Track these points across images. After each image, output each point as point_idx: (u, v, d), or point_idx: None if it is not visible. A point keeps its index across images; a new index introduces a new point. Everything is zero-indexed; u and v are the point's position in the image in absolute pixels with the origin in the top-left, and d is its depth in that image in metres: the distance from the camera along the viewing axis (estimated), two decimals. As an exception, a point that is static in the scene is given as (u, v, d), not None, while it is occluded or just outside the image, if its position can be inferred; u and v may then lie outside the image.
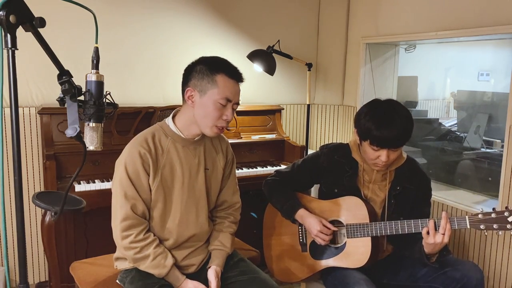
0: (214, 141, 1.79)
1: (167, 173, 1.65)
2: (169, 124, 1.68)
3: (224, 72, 1.60)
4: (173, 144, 1.66)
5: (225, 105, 1.60)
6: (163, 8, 2.90)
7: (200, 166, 1.71)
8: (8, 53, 1.19)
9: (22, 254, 1.29)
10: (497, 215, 1.62)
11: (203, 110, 1.60)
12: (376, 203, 1.91)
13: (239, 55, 3.09)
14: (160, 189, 1.63)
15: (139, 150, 1.60)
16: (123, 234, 1.59)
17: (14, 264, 2.64)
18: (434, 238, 1.64)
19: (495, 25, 2.31)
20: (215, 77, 1.59)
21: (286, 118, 3.45)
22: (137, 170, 1.59)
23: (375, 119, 1.75)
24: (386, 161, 1.77)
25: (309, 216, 1.92)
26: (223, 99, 1.59)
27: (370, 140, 1.76)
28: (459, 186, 3.03)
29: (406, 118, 1.75)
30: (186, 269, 1.71)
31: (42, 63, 2.43)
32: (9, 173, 2.54)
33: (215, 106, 1.59)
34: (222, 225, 1.82)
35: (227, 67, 1.63)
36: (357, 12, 3.30)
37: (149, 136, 1.64)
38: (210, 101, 1.59)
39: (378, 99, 1.87)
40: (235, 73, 1.64)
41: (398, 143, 1.76)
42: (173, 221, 1.67)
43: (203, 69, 1.60)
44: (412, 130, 1.78)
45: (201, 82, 1.60)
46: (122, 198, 1.59)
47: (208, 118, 1.60)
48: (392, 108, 1.78)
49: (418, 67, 3.92)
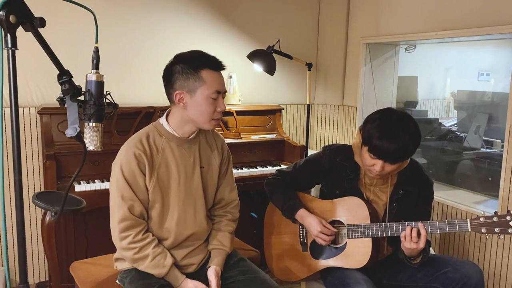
0: (209, 139, 1.80)
1: (163, 173, 1.65)
2: (163, 123, 1.69)
3: (207, 66, 1.60)
4: (167, 143, 1.67)
5: (217, 98, 1.61)
6: (163, 8, 2.91)
7: (195, 164, 1.71)
8: (8, 53, 1.19)
9: (22, 254, 1.29)
10: (499, 219, 1.60)
11: (197, 109, 1.61)
12: (378, 205, 1.90)
13: (239, 55, 3.09)
14: (157, 189, 1.63)
15: (134, 151, 1.60)
16: (121, 235, 1.59)
17: (14, 264, 2.64)
18: (410, 243, 1.68)
19: (495, 25, 2.31)
20: (200, 73, 1.58)
21: (286, 118, 3.45)
22: (133, 171, 1.60)
23: (380, 128, 1.71)
24: (380, 171, 1.75)
25: (310, 217, 1.91)
26: (214, 93, 1.60)
27: (369, 147, 1.74)
28: (459, 186, 3.03)
29: (411, 136, 1.69)
30: (186, 268, 1.71)
31: (42, 63, 2.43)
32: (9, 173, 2.53)
33: (208, 101, 1.60)
34: (221, 224, 1.82)
35: (208, 60, 1.62)
36: (357, 12, 3.30)
37: (144, 136, 1.65)
38: (201, 98, 1.59)
39: (392, 108, 1.83)
40: (217, 64, 1.63)
41: (395, 159, 1.71)
42: (171, 220, 1.67)
43: (185, 69, 1.59)
44: (415, 148, 1.73)
45: (188, 83, 1.59)
46: (119, 200, 1.59)
47: (204, 114, 1.61)
48: (401, 121, 1.72)
49: (418, 67, 3.92)
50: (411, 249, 1.69)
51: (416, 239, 1.67)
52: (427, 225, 1.70)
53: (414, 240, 1.67)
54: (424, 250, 1.73)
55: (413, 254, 1.73)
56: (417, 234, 1.68)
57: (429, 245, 1.81)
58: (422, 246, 1.67)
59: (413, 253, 1.72)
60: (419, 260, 1.77)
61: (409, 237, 1.68)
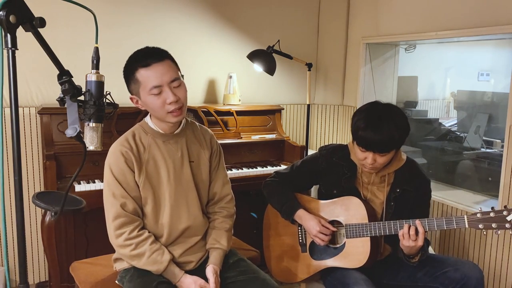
0: (196, 133, 1.80)
1: (151, 169, 1.66)
2: (147, 122, 1.71)
3: (138, 65, 1.57)
4: (153, 140, 1.68)
5: (159, 92, 1.57)
6: (163, 8, 2.91)
7: (183, 158, 1.72)
8: (8, 53, 1.20)
9: (22, 254, 1.30)
10: (496, 214, 1.61)
11: (149, 108, 1.62)
12: (375, 204, 1.90)
13: (239, 55, 3.09)
14: (147, 185, 1.65)
15: (120, 149, 1.62)
16: (116, 232, 1.59)
17: (14, 264, 2.64)
18: (408, 241, 1.68)
19: (495, 25, 2.31)
20: (134, 76, 1.58)
21: (286, 118, 3.45)
22: (121, 169, 1.61)
23: (365, 120, 1.74)
24: (372, 164, 1.76)
25: (308, 217, 1.92)
26: (152, 89, 1.56)
27: (357, 140, 1.76)
28: (459, 186, 3.03)
29: (396, 126, 1.72)
30: (184, 266, 1.70)
31: (42, 63, 2.43)
32: (9, 173, 2.54)
33: (153, 99, 1.58)
34: (217, 221, 1.81)
35: (139, 59, 1.58)
36: (357, 12, 3.31)
37: (130, 135, 1.68)
38: (146, 98, 1.59)
39: (378, 101, 1.85)
40: (149, 58, 1.57)
41: (382, 148, 1.73)
42: (165, 215, 1.68)
43: (127, 73, 1.61)
44: (403, 138, 1.75)
45: (132, 87, 1.62)
46: (111, 198, 1.60)
47: (156, 111, 1.61)
48: (386, 112, 1.76)
49: (418, 67, 3.92)
50: (409, 247, 1.69)
51: (414, 237, 1.67)
52: (424, 222, 1.70)
53: (412, 238, 1.67)
54: (422, 248, 1.73)
55: (412, 252, 1.73)
56: (415, 232, 1.68)
57: (427, 244, 1.82)
58: (420, 244, 1.68)
59: (412, 251, 1.72)
60: (417, 258, 1.77)
61: (407, 235, 1.68)
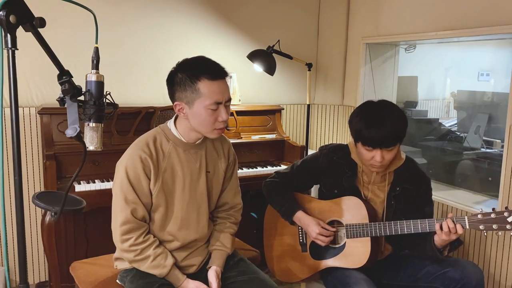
0: (216, 143, 1.78)
1: (168, 177, 1.64)
2: (170, 128, 1.67)
3: (204, 76, 1.53)
4: (174, 148, 1.65)
5: (217, 108, 1.56)
6: (163, 8, 2.90)
7: (201, 170, 1.70)
8: (8, 53, 1.20)
9: (22, 254, 1.30)
10: (497, 215, 1.62)
11: (197, 120, 1.58)
12: (376, 203, 1.90)
13: (239, 55, 3.09)
14: (161, 193, 1.63)
15: (140, 154, 1.59)
16: (123, 237, 1.59)
17: (14, 264, 2.64)
18: (449, 235, 1.67)
19: (495, 25, 2.30)
20: (197, 85, 1.53)
21: (286, 118, 3.45)
22: (138, 174, 1.58)
23: (365, 119, 1.75)
24: (381, 161, 1.76)
25: (307, 219, 1.91)
26: (212, 105, 1.54)
27: (362, 141, 1.76)
28: (459, 186, 3.03)
29: (396, 118, 1.75)
30: (186, 269, 1.71)
31: (42, 63, 2.43)
32: (9, 173, 2.53)
33: (207, 113, 1.55)
34: (223, 225, 1.82)
35: (206, 70, 1.55)
36: (357, 12, 3.30)
37: (151, 140, 1.63)
38: (200, 110, 1.55)
39: (371, 100, 1.87)
40: (217, 72, 1.56)
41: (389, 143, 1.74)
42: (174, 225, 1.67)
43: (184, 79, 1.55)
44: (405, 129, 1.78)
45: (186, 94, 1.55)
46: (122, 202, 1.58)
47: (204, 125, 1.58)
48: (383, 108, 1.79)
49: (418, 67, 3.92)
50: (447, 240, 1.70)
51: (454, 230, 1.67)
52: (425, 224, 1.72)
53: (452, 231, 1.67)
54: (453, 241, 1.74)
55: (446, 243, 1.73)
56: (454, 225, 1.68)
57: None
58: (454, 237, 1.69)
59: (446, 242, 1.72)
60: (447, 251, 1.79)
61: (447, 228, 1.67)
